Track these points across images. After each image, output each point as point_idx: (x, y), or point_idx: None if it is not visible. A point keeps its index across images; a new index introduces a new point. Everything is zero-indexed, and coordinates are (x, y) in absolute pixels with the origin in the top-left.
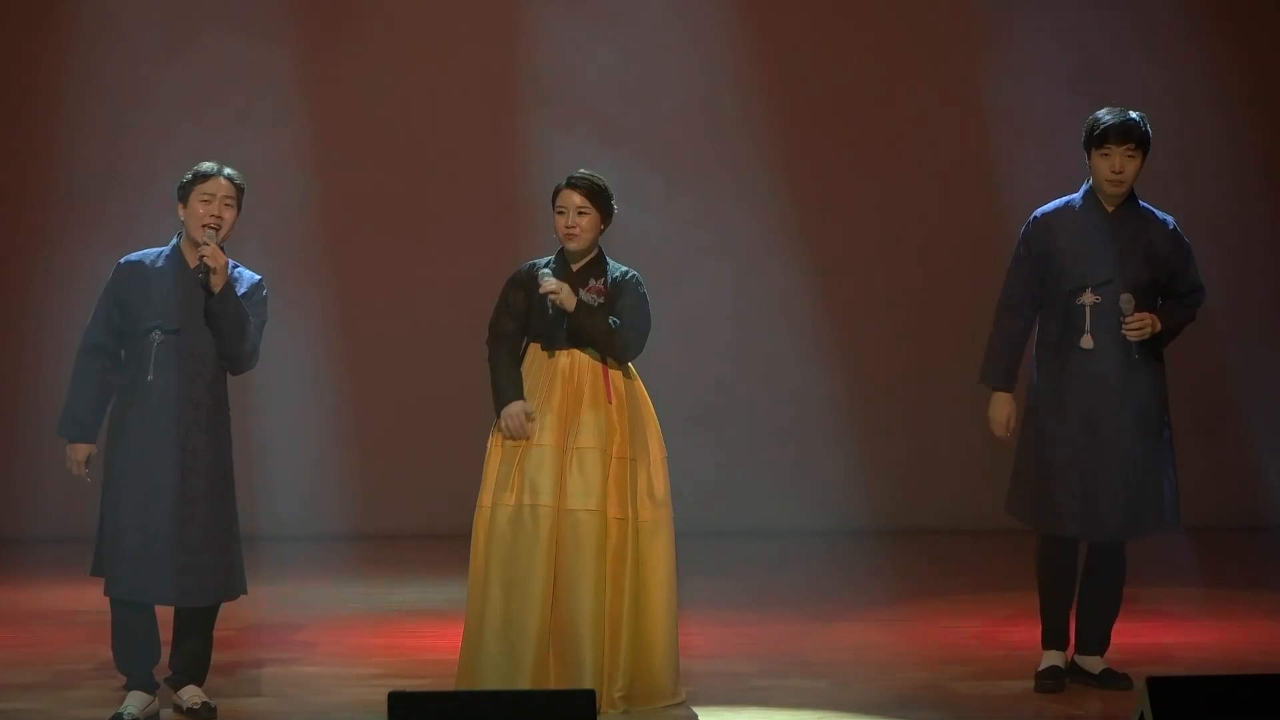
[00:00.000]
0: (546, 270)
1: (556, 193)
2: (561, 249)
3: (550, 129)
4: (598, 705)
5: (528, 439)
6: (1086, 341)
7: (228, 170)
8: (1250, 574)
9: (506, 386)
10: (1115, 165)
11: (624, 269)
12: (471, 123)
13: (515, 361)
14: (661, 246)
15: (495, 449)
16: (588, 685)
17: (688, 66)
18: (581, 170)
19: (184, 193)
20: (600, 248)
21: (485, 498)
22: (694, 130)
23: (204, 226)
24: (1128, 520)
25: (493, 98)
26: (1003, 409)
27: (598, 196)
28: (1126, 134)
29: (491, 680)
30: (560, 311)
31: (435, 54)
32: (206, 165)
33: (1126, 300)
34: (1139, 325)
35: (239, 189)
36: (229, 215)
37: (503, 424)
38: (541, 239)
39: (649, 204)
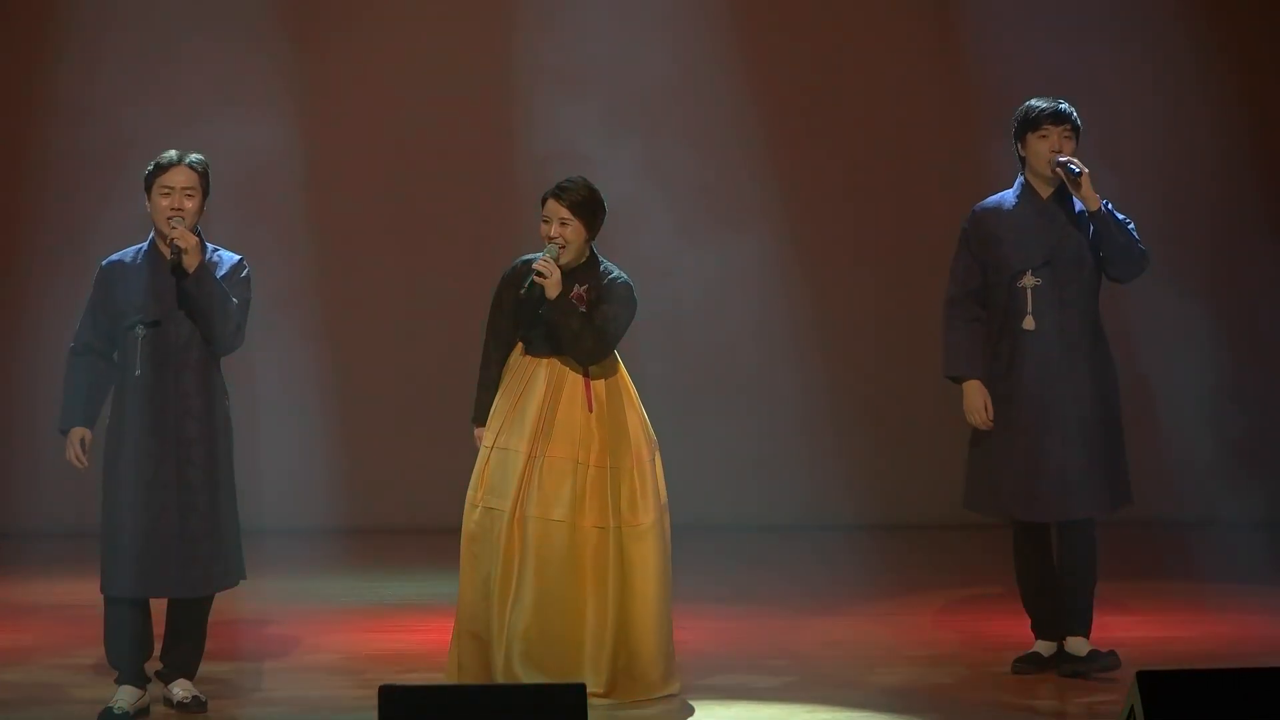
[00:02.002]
0: (551, 249)
1: (543, 201)
2: None
3: (544, 120)
4: None
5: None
6: (1029, 323)
7: (189, 158)
8: (1233, 568)
9: (480, 406)
10: (1054, 144)
11: (614, 273)
12: (464, 113)
13: (498, 374)
14: (646, 240)
15: (481, 449)
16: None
17: (682, 53)
18: (568, 179)
19: (146, 184)
20: (593, 249)
21: (468, 496)
22: (684, 126)
23: (168, 219)
24: (1072, 500)
25: (485, 89)
26: (977, 396)
27: (581, 208)
28: (1062, 116)
29: (465, 676)
30: (539, 294)
31: (427, 44)
32: (166, 155)
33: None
34: (1078, 165)
35: (201, 175)
36: (190, 205)
37: None
38: (534, 231)
39: (632, 200)
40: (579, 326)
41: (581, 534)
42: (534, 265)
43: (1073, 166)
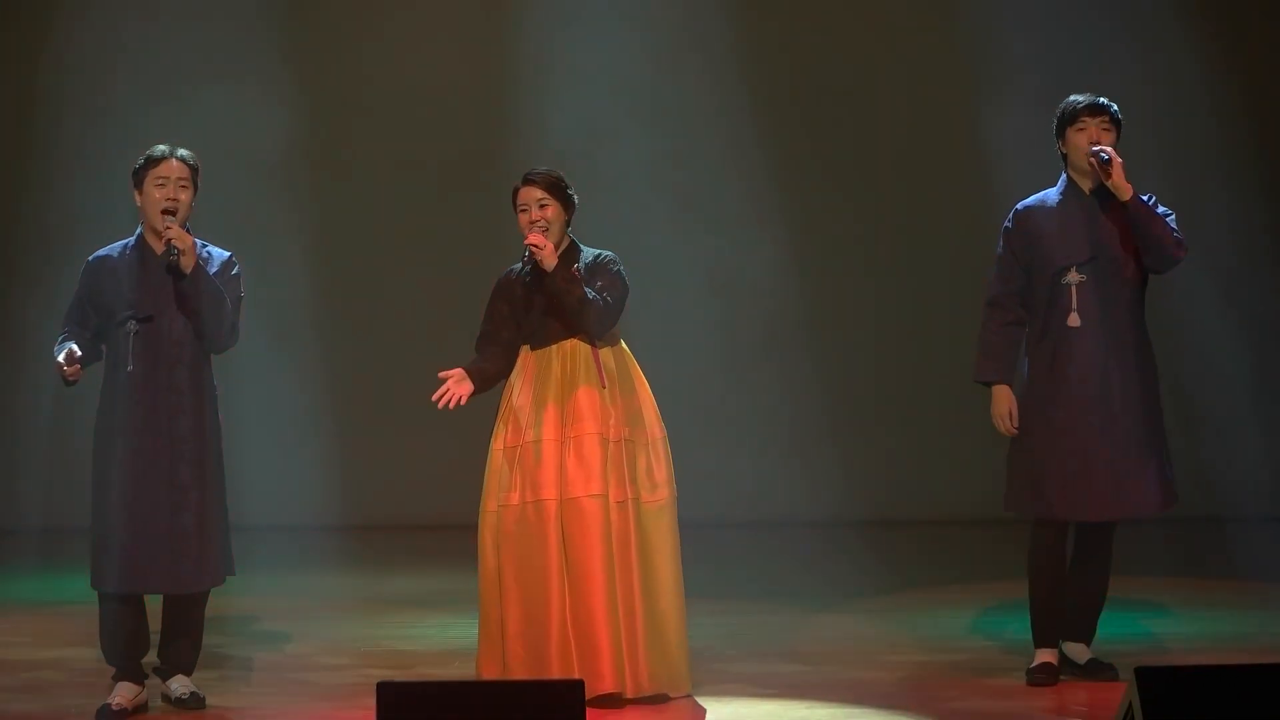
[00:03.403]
0: (541, 224)
1: (515, 193)
2: None
3: (544, 122)
4: (620, 688)
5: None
6: (1074, 320)
7: (180, 151)
8: (1230, 565)
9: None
10: (1092, 136)
11: (598, 251)
12: (463, 114)
13: (495, 353)
14: (648, 237)
15: (496, 452)
16: (607, 670)
17: (680, 52)
18: (534, 168)
19: (138, 178)
20: (571, 237)
21: (489, 502)
22: (687, 124)
23: (162, 212)
24: (1118, 500)
25: (485, 91)
26: (1003, 402)
27: (556, 189)
28: (1100, 109)
29: (519, 675)
30: (538, 271)
31: (428, 48)
32: (158, 148)
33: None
34: (1109, 153)
35: (193, 169)
36: (185, 197)
37: None
38: None
39: (633, 198)
40: (582, 292)
41: (609, 508)
42: (527, 240)
43: (1103, 154)
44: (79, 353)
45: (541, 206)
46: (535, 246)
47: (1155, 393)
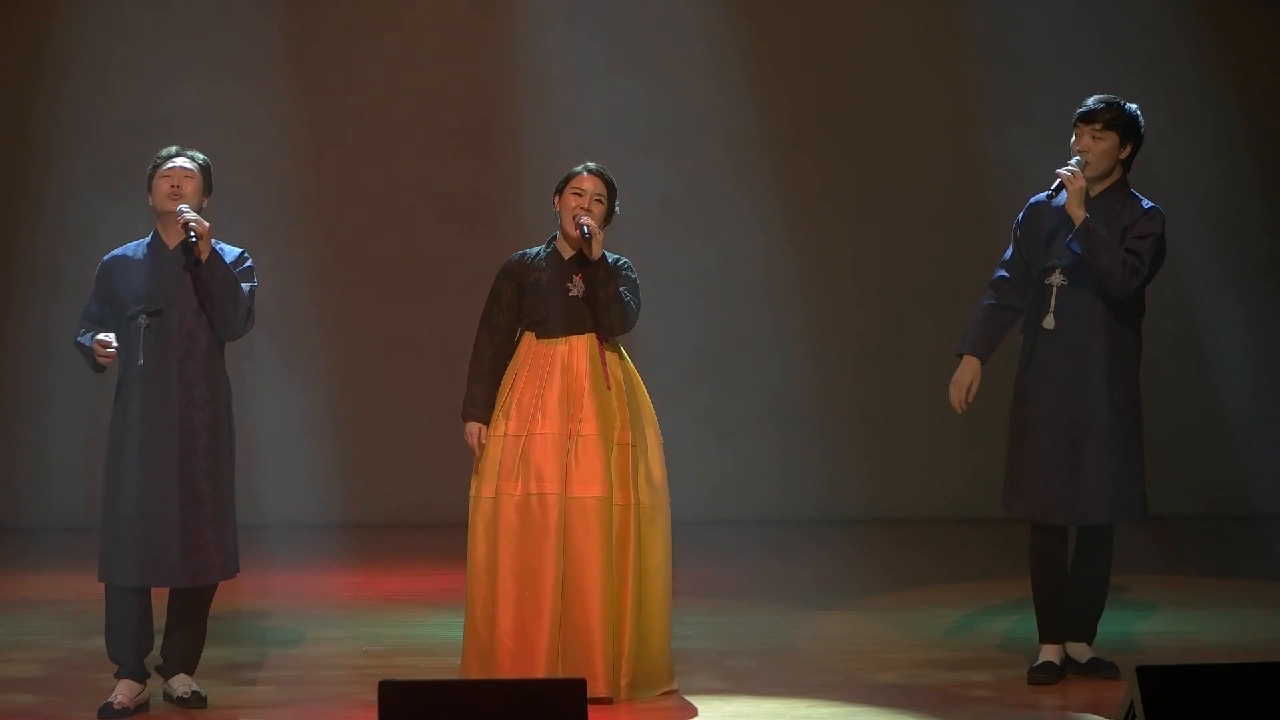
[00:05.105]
0: (582, 216)
1: (572, 176)
2: (553, 238)
3: (545, 126)
4: (611, 693)
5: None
6: (1048, 322)
7: (189, 151)
8: (1232, 563)
9: (471, 401)
10: (1082, 145)
11: (615, 257)
12: (467, 106)
13: (494, 368)
14: (643, 236)
15: (495, 440)
16: (599, 671)
17: (679, 53)
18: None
19: (149, 179)
20: None
21: (485, 488)
22: (677, 120)
23: (169, 197)
24: (1073, 505)
25: (489, 81)
26: (963, 372)
27: (612, 192)
28: (1092, 116)
29: (506, 669)
30: (574, 258)
31: (428, 38)
32: (166, 150)
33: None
34: (1071, 174)
35: (200, 168)
36: (188, 187)
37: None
38: (535, 225)
39: (632, 200)
40: (616, 289)
41: (611, 510)
42: (582, 220)
43: (1056, 178)
44: (113, 343)
45: (597, 200)
46: (592, 228)
47: (1126, 402)
